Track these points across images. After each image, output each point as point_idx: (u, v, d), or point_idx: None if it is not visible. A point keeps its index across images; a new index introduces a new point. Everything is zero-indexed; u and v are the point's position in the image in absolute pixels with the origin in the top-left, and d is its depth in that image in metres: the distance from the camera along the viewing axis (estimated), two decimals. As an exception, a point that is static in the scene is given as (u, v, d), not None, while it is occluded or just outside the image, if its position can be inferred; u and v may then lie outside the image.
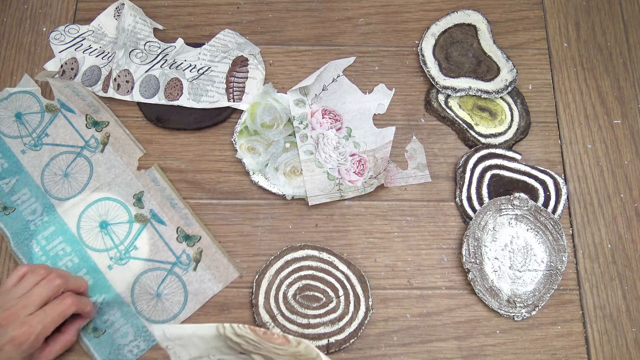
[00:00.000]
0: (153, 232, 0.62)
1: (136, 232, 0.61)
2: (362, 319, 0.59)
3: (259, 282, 0.60)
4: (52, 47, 0.69)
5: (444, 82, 0.67)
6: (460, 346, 0.59)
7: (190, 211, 0.62)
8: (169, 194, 0.63)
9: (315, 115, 0.64)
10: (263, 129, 0.65)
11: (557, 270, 0.61)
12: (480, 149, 0.65)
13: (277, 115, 0.65)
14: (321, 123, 0.64)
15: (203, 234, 0.61)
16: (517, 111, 0.68)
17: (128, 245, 0.61)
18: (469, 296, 0.61)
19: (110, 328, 0.58)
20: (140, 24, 0.69)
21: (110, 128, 0.65)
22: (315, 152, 0.63)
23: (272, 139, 0.64)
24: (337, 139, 0.63)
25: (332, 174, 0.61)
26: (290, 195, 0.63)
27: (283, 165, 0.64)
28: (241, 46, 0.69)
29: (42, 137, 0.64)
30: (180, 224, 0.62)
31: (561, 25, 0.72)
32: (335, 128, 0.65)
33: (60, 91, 0.65)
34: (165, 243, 0.61)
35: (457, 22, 0.71)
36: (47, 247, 0.60)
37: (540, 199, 0.64)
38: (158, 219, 0.62)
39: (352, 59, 0.68)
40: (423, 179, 0.65)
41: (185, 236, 0.61)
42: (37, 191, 0.62)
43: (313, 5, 0.73)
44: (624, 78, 0.70)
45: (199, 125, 0.66)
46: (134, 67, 0.67)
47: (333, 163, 0.62)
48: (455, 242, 0.63)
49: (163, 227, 0.62)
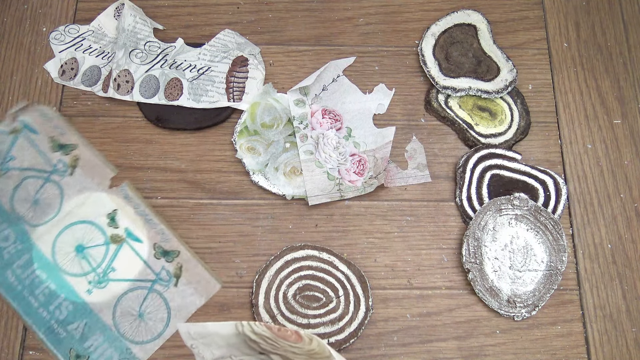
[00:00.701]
0: (130, 251, 0.60)
1: (113, 253, 0.60)
2: (362, 319, 0.59)
3: (259, 282, 0.60)
4: (52, 47, 0.69)
5: (444, 82, 0.67)
6: (460, 346, 0.59)
7: (166, 226, 0.61)
8: (143, 210, 0.61)
9: (315, 115, 0.64)
10: (263, 129, 0.65)
11: (557, 270, 0.61)
12: (480, 149, 0.65)
13: (277, 115, 0.65)
14: (321, 123, 0.64)
15: (182, 249, 0.60)
16: (517, 111, 0.68)
17: (106, 267, 0.60)
18: (469, 296, 0.61)
19: (93, 353, 0.57)
20: (140, 24, 0.69)
21: (79, 151, 0.63)
22: (315, 152, 0.63)
23: (272, 139, 0.64)
24: (337, 139, 0.63)
25: (332, 174, 0.61)
26: (290, 195, 0.62)
27: (283, 165, 0.64)
28: (241, 46, 0.69)
29: (8, 160, 0.62)
30: (157, 239, 0.61)
31: (561, 25, 0.72)
32: (335, 128, 0.65)
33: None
34: (143, 261, 0.60)
35: (457, 22, 0.71)
36: (22, 275, 0.59)
37: (540, 199, 0.64)
38: (134, 237, 0.61)
39: (352, 59, 0.68)
40: (423, 179, 0.65)
41: (163, 252, 0.60)
42: (8, 217, 0.60)
43: (313, 5, 0.73)
44: (624, 78, 0.70)
45: (199, 125, 0.66)
46: (134, 67, 0.67)
47: (333, 163, 0.62)
48: (455, 242, 0.63)
49: (139, 244, 0.60)
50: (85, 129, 0.66)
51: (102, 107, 0.67)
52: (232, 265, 0.61)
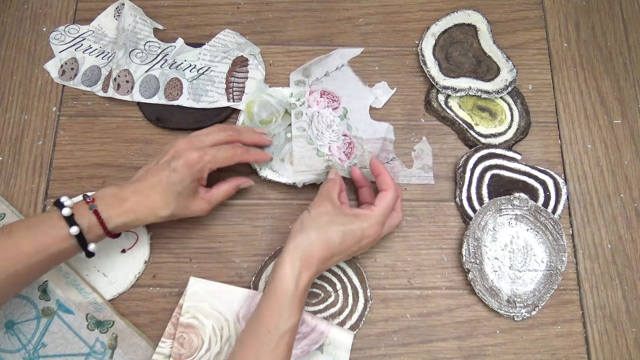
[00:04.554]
0: (61, 324, 0.57)
1: (43, 327, 0.57)
2: (362, 310, 0.59)
3: (256, 284, 0.60)
4: (52, 47, 0.69)
5: (444, 82, 0.67)
6: (460, 346, 0.59)
7: (98, 295, 0.58)
8: (74, 278, 0.58)
9: (313, 94, 0.64)
10: (262, 125, 0.65)
11: (557, 270, 0.61)
12: (480, 149, 0.65)
13: (274, 109, 0.65)
14: (318, 101, 0.64)
15: (116, 318, 0.58)
16: (517, 111, 0.68)
17: (35, 344, 0.57)
18: (469, 296, 0.61)
19: None
20: (141, 24, 0.69)
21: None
22: (308, 129, 0.62)
23: (272, 132, 0.64)
24: (332, 117, 0.63)
25: (322, 150, 0.61)
26: (300, 182, 0.62)
27: (288, 155, 0.64)
28: (241, 46, 0.69)
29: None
30: (89, 310, 0.58)
31: (561, 25, 0.72)
32: (332, 107, 0.65)
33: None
34: (76, 333, 0.57)
35: (457, 22, 0.71)
36: None
37: (540, 199, 0.64)
38: (65, 308, 0.58)
39: (359, 50, 0.68)
40: (426, 180, 0.65)
41: (96, 323, 0.57)
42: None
43: (313, 5, 0.73)
44: (624, 78, 0.70)
45: (199, 125, 0.66)
46: (134, 67, 0.67)
47: (325, 140, 0.61)
48: (455, 242, 0.63)
49: (71, 316, 0.57)
50: (85, 129, 0.66)
51: (102, 107, 0.67)
52: (232, 265, 0.61)
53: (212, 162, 0.55)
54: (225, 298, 0.58)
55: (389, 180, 0.57)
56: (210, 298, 0.58)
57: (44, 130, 0.66)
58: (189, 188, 0.55)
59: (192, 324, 0.57)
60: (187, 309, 0.58)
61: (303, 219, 0.54)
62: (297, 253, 0.51)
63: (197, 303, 0.58)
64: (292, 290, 0.49)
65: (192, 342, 0.56)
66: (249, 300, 0.58)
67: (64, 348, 0.57)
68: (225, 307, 0.58)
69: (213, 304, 0.58)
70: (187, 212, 0.56)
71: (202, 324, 0.57)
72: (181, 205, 0.55)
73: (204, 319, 0.57)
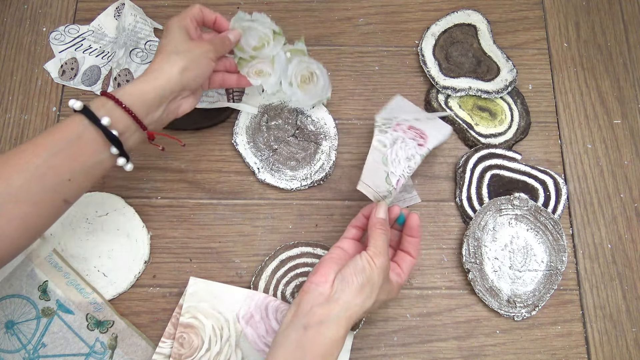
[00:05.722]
0: (61, 324, 0.57)
1: (43, 327, 0.57)
2: None
3: (256, 284, 0.60)
4: (52, 47, 0.69)
5: (444, 82, 0.67)
6: (460, 346, 0.59)
7: (98, 295, 0.58)
8: (74, 279, 0.58)
9: (400, 126, 0.58)
10: (256, 51, 0.63)
11: (557, 270, 0.61)
12: (480, 149, 0.65)
13: (261, 33, 0.62)
14: (405, 132, 0.58)
15: (116, 318, 0.57)
16: (517, 111, 0.68)
17: (35, 344, 0.57)
18: (469, 296, 0.61)
19: None
20: (141, 24, 0.69)
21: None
22: (388, 147, 0.56)
23: (270, 54, 0.63)
24: (414, 152, 0.57)
25: (391, 179, 0.55)
26: (309, 105, 0.63)
27: (294, 78, 0.63)
28: (241, 46, 0.69)
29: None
30: (89, 310, 0.58)
31: (561, 25, 0.72)
32: (418, 143, 0.58)
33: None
34: (76, 333, 0.57)
35: (457, 22, 0.71)
36: None
37: (540, 199, 0.64)
38: (65, 308, 0.57)
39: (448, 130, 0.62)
40: (412, 200, 0.64)
41: (96, 323, 0.57)
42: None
43: (313, 5, 0.73)
44: (624, 78, 0.70)
45: (199, 125, 0.66)
46: (134, 67, 0.67)
47: (398, 171, 0.55)
48: (455, 242, 0.63)
49: (71, 316, 0.57)
50: (85, 129, 0.66)
51: (102, 107, 0.67)
52: (232, 265, 0.61)
53: (191, 8, 0.58)
54: (225, 298, 0.58)
55: (418, 247, 0.54)
56: (210, 298, 0.58)
57: (44, 130, 0.66)
58: (180, 36, 0.55)
59: (192, 324, 0.57)
60: (187, 309, 0.58)
61: (371, 277, 0.48)
62: (350, 319, 0.47)
63: (197, 303, 0.58)
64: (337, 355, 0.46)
65: (192, 342, 0.56)
66: (248, 300, 0.58)
67: (64, 348, 0.57)
68: (225, 307, 0.58)
69: (213, 304, 0.58)
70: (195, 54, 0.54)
71: (202, 324, 0.57)
72: (184, 49, 0.54)
73: (204, 319, 0.57)
